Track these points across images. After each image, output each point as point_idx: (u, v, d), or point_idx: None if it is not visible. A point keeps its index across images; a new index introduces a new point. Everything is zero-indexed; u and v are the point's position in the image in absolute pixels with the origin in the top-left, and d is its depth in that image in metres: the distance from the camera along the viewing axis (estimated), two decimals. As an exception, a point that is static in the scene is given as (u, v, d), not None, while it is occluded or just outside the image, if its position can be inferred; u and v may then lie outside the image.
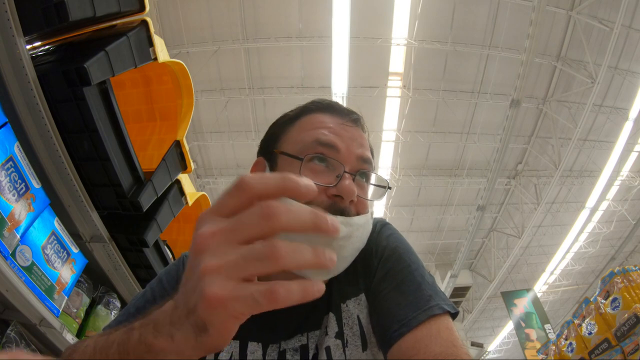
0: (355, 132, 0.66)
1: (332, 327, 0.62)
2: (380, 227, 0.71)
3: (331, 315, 0.63)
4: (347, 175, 0.60)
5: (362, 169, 0.63)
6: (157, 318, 0.37)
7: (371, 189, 0.69)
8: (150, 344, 0.36)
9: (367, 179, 0.66)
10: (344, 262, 0.61)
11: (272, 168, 0.66)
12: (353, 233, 0.59)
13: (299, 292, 0.31)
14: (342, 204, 0.59)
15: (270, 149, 0.67)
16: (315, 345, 0.63)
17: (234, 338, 0.64)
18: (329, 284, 0.66)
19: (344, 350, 0.60)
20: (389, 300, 0.59)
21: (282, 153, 0.63)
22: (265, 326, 0.65)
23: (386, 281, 0.62)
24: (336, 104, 0.70)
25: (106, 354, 0.40)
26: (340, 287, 0.66)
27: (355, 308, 0.64)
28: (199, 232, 0.33)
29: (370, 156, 0.66)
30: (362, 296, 0.65)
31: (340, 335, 0.62)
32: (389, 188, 0.69)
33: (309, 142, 0.62)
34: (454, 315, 0.58)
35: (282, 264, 0.30)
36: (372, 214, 0.66)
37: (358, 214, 0.61)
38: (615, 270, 1.92)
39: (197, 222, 0.34)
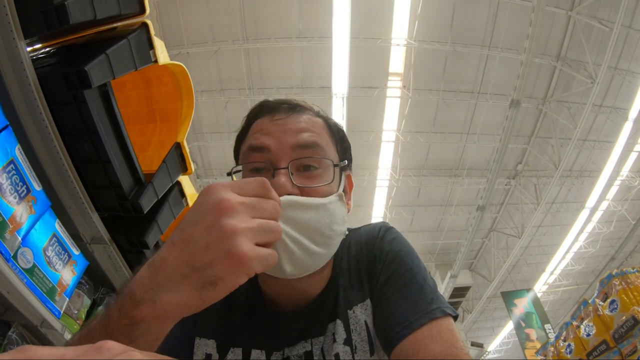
0: (289, 121, 0.62)
1: (340, 333, 0.62)
2: (384, 232, 0.70)
3: (338, 322, 0.63)
4: (279, 172, 0.57)
5: (299, 157, 0.59)
6: (133, 289, 0.39)
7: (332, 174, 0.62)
8: (132, 315, 0.38)
9: (317, 165, 0.60)
10: (307, 250, 0.55)
11: None
12: (297, 215, 0.54)
13: None
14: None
15: (231, 171, 0.67)
16: (320, 352, 0.62)
17: (237, 346, 0.64)
18: (335, 290, 0.66)
19: (353, 357, 0.60)
20: (391, 304, 0.60)
21: (232, 173, 0.63)
22: (269, 333, 0.64)
23: (389, 284, 0.62)
24: (268, 101, 0.68)
25: (90, 339, 0.40)
26: (345, 293, 0.66)
27: (363, 314, 0.64)
28: (224, 197, 0.39)
29: (310, 138, 0.60)
30: (368, 301, 0.65)
31: (348, 341, 0.61)
32: (336, 165, 0.63)
33: (244, 152, 0.63)
34: (454, 319, 0.59)
35: (279, 237, 0.43)
36: (339, 197, 0.61)
37: None
38: (614, 273, 1.93)
39: (208, 190, 0.41)
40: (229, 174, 0.65)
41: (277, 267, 0.56)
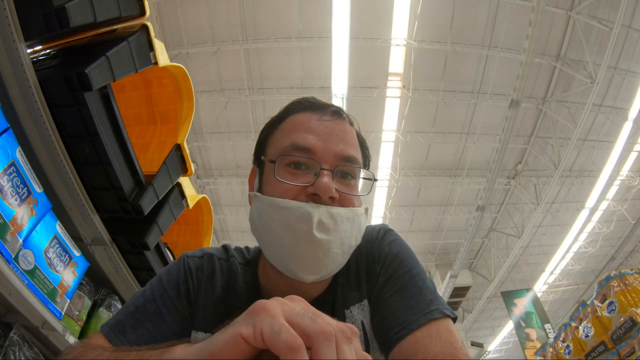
0: (335, 126, 0.64)
1: None
2: (383, 234, 0.71)
3: None
4: (324, 172, 0.59)
5: (342, 164, 0.62)
6: None
7: (361, 184, 0.67)
8: None
9: (353, 175, 0.64)
10: (334, 259, 0.59)
11: (261, 175, 0.67)
12: (337, 226, 0.58)
13: None
14: (321, 202, 0.58)
15: (259, 156, 0.69)
16: None
17: None
18: (333, 290, 0.67)
19: None
20: (390, 305, 0.60)
21: (268, 161, 0.64)
22: None
23: (388, 286, 0.63)
24: (315, 100, 0.70)
25: None
26: (344, 293, 0.67)
27: (360, 314, 0.65)
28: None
29: (352, 152, 0.64)
30: (366, 302, 0.66)
31: None
32: (376, 180, 0.68)
33: (286, 147, 0.62)
34: (453, 320, 0.59)
35: None
36: (366, 210, 0.65)
37: None
38: (612, 274, 1.93)
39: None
40: (258, 161, 0.68)
41: (300, 271, 0.58)
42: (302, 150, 0.61)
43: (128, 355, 0.44)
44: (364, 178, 0.67)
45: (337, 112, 0.67)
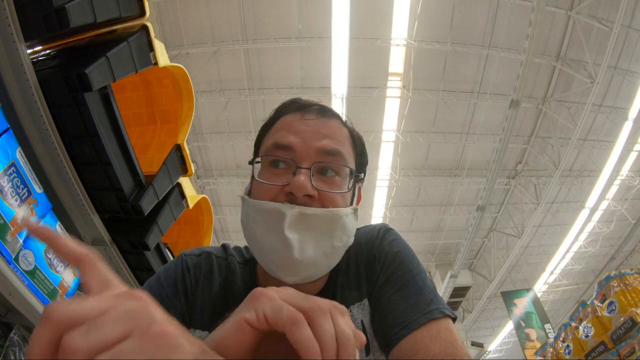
0: (318, 124, 0.63)
1: None
2: (383, 233, 0.70)
3: None
4: (301, 170, 0.58)
5: (322, 161, 0.60)
6: None
7: (359, 185, 0.66)
8: None
9: (337, 172, 0.62)
10: (314, 260, 0.58)
11: (252, 178, 0.67)
12: (310, 226, 0.57)
13: None
14: (297, 202, 0.57)
15: (253, 160, 0.69)
16: None
17: None
18: (332, 289, 0.67)
19: None
20: (390, 304, 0.60)
21: (255, 163, 0.65)
22: None
23: (388, 285, 0.63)
24: (300, 100, 0.69)
25: None
26: (343, 293, 0.66)
27: (359, 313, 0.64)
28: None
29: (334, 146, 0.62)
30: (365, 301, 0.65)
31: None
32: (360, 176, 0.66)
33: (269, 147, 0.63)
34: (453, 320, 0.59)
35: None
36: (355, 210, 0.64)
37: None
38: (612, 274, 1.93)
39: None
40: (250, 163, 0.67)
41: (280, 273, 0.58)
42: (281, 149, 0.61)
43: None
44: (356, 175, 0.65)
45: (322, 111, 0.66)
